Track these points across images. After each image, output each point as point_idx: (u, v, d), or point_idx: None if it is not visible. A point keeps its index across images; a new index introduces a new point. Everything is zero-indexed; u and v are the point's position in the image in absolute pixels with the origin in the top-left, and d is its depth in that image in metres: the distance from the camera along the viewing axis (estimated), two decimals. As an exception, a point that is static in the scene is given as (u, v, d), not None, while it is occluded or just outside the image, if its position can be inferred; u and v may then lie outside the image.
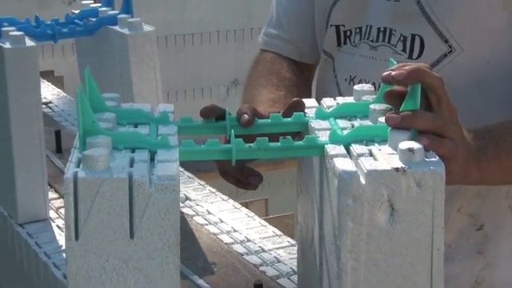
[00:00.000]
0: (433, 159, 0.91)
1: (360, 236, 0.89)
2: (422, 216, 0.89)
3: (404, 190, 0.88)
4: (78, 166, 0.88)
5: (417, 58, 1.38)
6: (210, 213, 1.47)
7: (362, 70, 1.43)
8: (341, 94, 1.29)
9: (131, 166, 0.90)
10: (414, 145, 0.90)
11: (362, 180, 0.88)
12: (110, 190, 0.86)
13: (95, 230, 0.87)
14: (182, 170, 1.52)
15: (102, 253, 0.88)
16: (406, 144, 0.90)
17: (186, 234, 1.35)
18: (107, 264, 0.88)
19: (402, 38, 1.41)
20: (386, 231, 0.89)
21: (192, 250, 1.31)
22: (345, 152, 0.94)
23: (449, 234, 1.22)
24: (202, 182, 1.59)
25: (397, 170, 0.88)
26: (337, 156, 0.92)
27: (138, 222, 0.88)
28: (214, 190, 1.58)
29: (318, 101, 1.13)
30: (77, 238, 0.87)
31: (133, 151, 0.94)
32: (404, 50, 1.40)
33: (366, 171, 0.88)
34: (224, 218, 1.45)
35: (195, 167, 1.57)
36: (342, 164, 0.90)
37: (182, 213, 1.44)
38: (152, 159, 0.93)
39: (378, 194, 0.88)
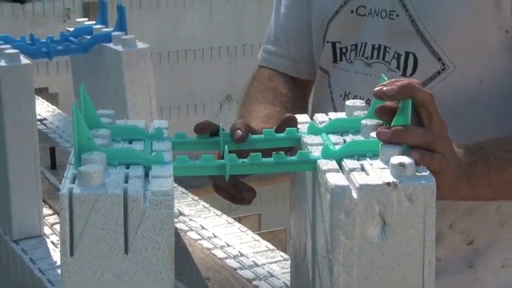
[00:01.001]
0: (424, 174, 0.90)
1: (352, 250, 0.88)
2: (413, 230, 0.89)
3: (395, 204, 0.88)
4: (74, 182, 0.88)
5: (410, 75, 1.38)
6: (203, 228, 1.47)
7: (356, 86, 1.44)
8: (336, 110, 1.30)
9: (126, 181, 0.90)
10: (405, 159, 0.90)
11: (354, 194, 0.88)
12: (105, 205, 0.86)
13: (90, 246, 0.87)
14: (175, 185, 1.51)
15: (96, 268, 0.87)
16: (397, 159, 0.90)
17: (180, 248, 1.35)
18: (102, 279, 0.87)
19: (396, 56, 1.41)
20: (377, 245, 0.89)
21: (186, 265, 1.30)
22: (337, 167, 0.94)
23: (440, 249, 1.22)
24: (196, 198, 1.60)
25: (388, 184, 0.88)
26: (329, 171, 0.92)
27: (132, 237, 0.87)
28: (207, 205, 1.57)
29: (313, 117, 1.14)
30: (72, 253, 0.86)
31: (127, 167, 0.94)
32: (398, 67, 1.40)
33: (357, 186, 0.88)
34: (217, 233, 1.45)
35: (188, 182, 1.58)
36: (335, 179, 0.90)
37: (175, 228, 1.43)
38: (146, 175, 0.93)
39: (369, 208, 0.88)
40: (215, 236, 1.44)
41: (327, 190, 0.89)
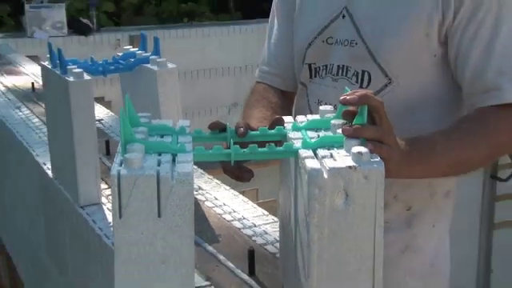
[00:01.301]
0: (376, 159, 0.91)
1: (323, 215, 0.89)
2: (367, 200, 0.90)
3: (355, 181, 0.88)
4: (121, 166, 0.89)
5: (366, 87, 1.37)
6: (216, 199, 1.47)
7: (326, 95, 1.44)
8: (312, 113, 1.29)
9: (158, 165, 0.90)
10: (362, 149, 0.91)
11: (325, 175, 0.88)
12: (143, 183, 0.87)
13: (133, 212, 0.88)
14: (195, 168, 1.51)
15: (137, 228, 0.89)
16: (356, 149, 0.91)
17: (199, 214, 1.36)
18: (142, 236, 0.89)
19: (355, 73, 1.41)
20: (342, 212, 0.89)
21: (203, 226, 1.32)
22: (312, 154, 0.94)
23: (387, 214, 1.11)
24: (210, 177, 1.60)
25: (350, 167, 0.88)
26: (307, 158, 0.92)
27: (163, 206, 0.88)
28: (219, 182, 1.57)
29: (295, 118, 1.13)
30: (120, 217, 0.88)
31: (160, 155, 0.94)
32: (357, 81, 1.40)
33: (328, 168, 0.88)
34: (226, 203, 1.45)
35: (205, 166, 1.49)
36: (311, 163, 0.89)
37: (195, 199, 1.43)
38: (174, 160, 0.92)
39: (336, 184, 0.88)
40: (225, 204, 1.44)
41: (305, 171, 0.89)
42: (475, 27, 1.32)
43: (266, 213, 1.40)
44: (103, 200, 1.49)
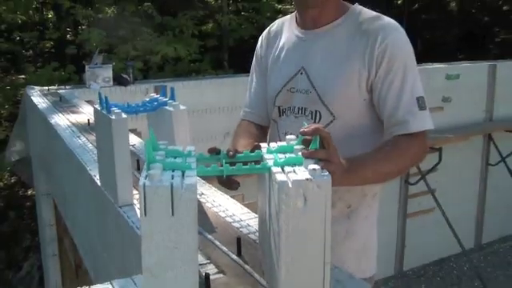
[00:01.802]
0: (325, 173, 0.90)
1: (289, 214, 0.88)
2: (320, 202, 0.89)
3: (311, 189, 0.88)
4: (145, 179, 0.88)
5: (318, 122, 1.38)
6: (214, 201, 1.45)
7: (291, 128, 1.43)
8: (280, 141, 1.26)
9: (172, 178, 0.89)
10: (316, 166, 0.90)
11: (290, 185, 0.87)
12: (161, 191, 0.87)
13: (154, 211, 0.87)
14: (198, 180, 1.47)
15: (157, 222, 0.88)
16: (311, 166, 0.90)
17: (201, 212, 1.34)
18: (160, 228, 0.88)
19: (310, 112, 1.41)
20: (302, 211, 0.88)
21: (204, 220, 1.30)
22: (281, 170, 0.93)
23: (333, 211, 1.14)
24: (210, 185, 1.58)
25: (307, 179, 0.88)
26: (277, 173, 0.91)
27: (175, 207, 0.88)
28: (216, 189, 1.55)
29: (269, 145, 1.12)
30: (145, 215, 0.88)
31: (173, 171, 0.93)
32: (312, 118, 1.40)
33: (291, 180, 0.87)
34: (221, 204, 1.43)
35: (205, 178, 1.50)
36: (280, 177, 0.89)
37: (199, 201, 1.42)
38: (183, 175, 0.92)
39: (297, 192, 0.87)
40: (220, 205, 1.41)
41: (276, 182, 0.89)
42: (389, 81, 1.33)
43: (250, 211, 1.38)
44: (135, 202, 1.48)
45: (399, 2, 13.79)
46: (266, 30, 1.61)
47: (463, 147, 5.96)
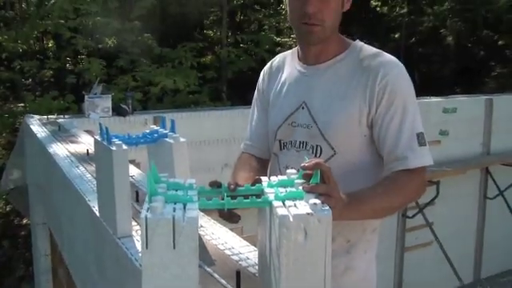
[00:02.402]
0: (325, 208, 0.90)
1: (289, 247, 0.88)
2: (320, 237, 0.89)
3: (311, 223, 0.88)
4: (147, 212, 0.89)
5: (319, 157, 1.39)
6: (213, 234, 1.44)
7: (292, 162, 1.44)
8: (281, 175, 1.28)
9: (174, 211, 0.89)
10: (316, 201, 0.90)
11: (291, 219, 0.88)
12: (163, 224, 0.87)
13: (156, 244, 0.87)
14: (198, 212, 1.54)
15: (158, 255, 0.88)
16: (312, 200, 0.91)
17: (200, 244, 1.27)
18: (161, 260, 0.88)
19: (311, 147, 1.42)
20: (302, 245, 0.89)
21: (203, 253, 1.28)
22: (282, 205, 0.93)
23: (333, 245, 1.19)
24: (209, 218, 1.57)
25: (308, 214, 0.89)
26: (278, 207, 0.92)
27: (177, 240, 0.88)
28: (215, 222, 1.53)
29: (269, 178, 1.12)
30: (147, 248, 0.88)
31: (175, 204, 0.93)
32: (313, 152, 1.41)
33: (293, 214, 0.88)
34: (220, 237, 1.42)
35: (205, 210, 1.51)
36: (281, 211, 0.89)
37: (199, 234, 1.41)
38: (184, 208, 0.92)
39: (298, 226, 0.88)
40: (219, 238, 1.40)
41: (277, 216, 0.90)
42: (390, 117, 1.35)
43: (249, 244, 1.38)
44: (134, 233, 1.47)
45: (396, 35, 13.98)
46: (268, 65, 1.64)
47: (461, 181, 5.97)
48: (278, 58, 1.61)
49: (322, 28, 1.38)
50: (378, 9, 14.59)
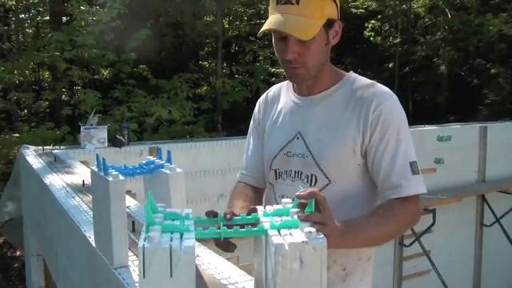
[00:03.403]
0: (320, 236, 0.92)
1: (285, 276, 0.90)
2: (314, 265, 0.91)
3: (306, 251, 0.90)
4: (145, 241, 0.90)
5: (313, 186, 1.39)
6: (209, 263, 1.43)
7: (287, 191, 1.44)
8: (277, 204, 1.26)
9: (171, 241, 0.91)
10: (311, 229, 0.93)
11: (286, 247, 0.90)
12: (161, 253, 0.88)
13: (153, 273, 0.89)
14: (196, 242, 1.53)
15: (156, 284, 0.89)
16: (307, 229, 0.93)
17: (196, 274, 1.28)
18: None
19: (306, 176, 1.42)
20: (298, 272, 0.90)
21: (200, 282, 1.28)
22: (277, 233, 0.95)
23: (329, 273, 1.22)
24: (205, 247, 1.56)
25: (303, 242, 0.90)
26: (273, 235, 0.94)
27: (174, 268, 0.89)
28: (211, 252, 1.53)
29: (265, 207, 1.12)
30: (144, 277, 0.89)
31: (172, 233, 0.95)
32: (307, 182, 1.41)
33: (288, 243, 0.90)
34: (217, 266, 1.41)
35: (202, 240, 1.48)
36: (277, 239, 0.92)
37: (195, 264, 1.42)
38: (181, 237, 0.94)
39: (294, 254, 0.90)
40: (215, 268, 1.40)
41: (273, 245, 0.91)
42: (383, 146, 1.36)
43: (245, 273, 1.37)
44: (130, 264, 1.46)
45: (390, 65, 14.15)
46: (264, 95, 1.65)
47: (457, 208, 5.98)
48: (273, 89, 1.63)
49: (305, 69, 1.39)
50: (372, 39, 14.80)
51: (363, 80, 1.44)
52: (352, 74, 1.47)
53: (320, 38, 1.35)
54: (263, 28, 1.32)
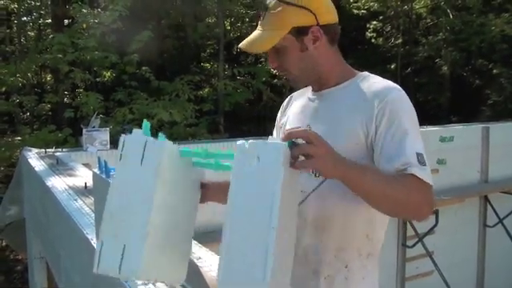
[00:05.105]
0: (277, 141, 0.99)
1: (240, 172, 0.96)
2: (270, 163, 0.95)
3: (264, 151, 0.96)
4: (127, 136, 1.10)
5: (318, 177, 1.36)
6: (211, 265, 1.44)
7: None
8: None
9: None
10: (271, 138, 1.06)
11: (246, 146, 0.97)
12: (137, 143, 1.06)
13: (127, 158, 1.06)
14: (196, 243, 1.50)
15: (128, 168, 1.06)
16: (271, 138, 1.08)
17: (198, 276, 1.34)
18: (130, 173, 1.05)
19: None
20: (255, 168, 0.96)
21: (202, 284, 1.30)
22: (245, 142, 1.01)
23: (331, 269, 1.28)
24: (207, 249, 1.56)
25: (263, 142, 0.98)
26: (239, 143, 1.00)
27: (144, 159, 1.04)
28: (213, 254, 1.53)
29: None
30: (120, 160, 1.08)
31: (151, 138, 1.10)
32: (313, 173, 1.38)
33: (249, 142, 0.98)
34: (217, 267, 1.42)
35: (204, 240, 1.51)
36: (240, 142, 0.99)
37: (197, 266, 1.40)
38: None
39: (253, 151, 0.97)
40: (217, 270, 1.41)
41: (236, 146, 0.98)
42: (390, 136, 1.35)
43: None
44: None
45: (392, 66, 14.16)
46: (288, 97, 1.68)
47: (460, 209, 5.97)
48: (300, 91, 1.64)
49: (293, 76, 1.45)
50: (373, 40, 14.82)
51: (374, 77, 1.45)
52: (365, 73, 1.48)
53: (291, 46, 1.40)
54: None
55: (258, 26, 1.41)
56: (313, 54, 1.44)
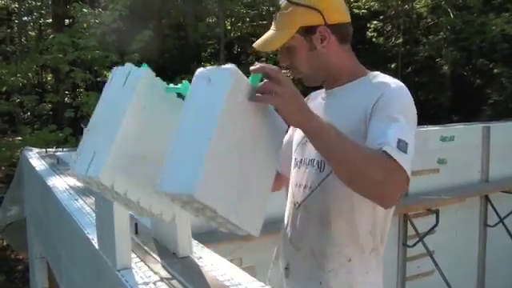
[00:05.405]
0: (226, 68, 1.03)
1: (193, 92, 1.04)
2: (219, 85, 1.01)
3: (215, 73, 1.04)
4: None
5: (322, 172, 1.41)
6: (212, 265, 1.43)
7: (302, 180, 1.48)
8: (292, 193, 1.32)
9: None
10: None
11: (201, 69, 1.07)
12: (121, 71, 1.21)
13: (114, 83, 1.21)
14: (197, 243, 1.51)
15: (115, 90, 1.20)
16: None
17: (199, 275, 1.34)
18: (115, 94, 1.20)
19: (317, 162, 1.45)
20: (205, 89, 1.02)
21: (203, 283, 1.29)
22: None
23: (335, 263, 1.30)
24: (209, 250, 1.56)
25: (221, 69, 1.05)
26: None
27: (126, 82, 1.18)
28: (214, 253, 1.53)
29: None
30: (109, 83, 1.22)
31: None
32: (318, 168, 1.44)
33: (207, 68, 1.07)
34: (219, 268, 1.41)
35: (205, 240, 1.52)
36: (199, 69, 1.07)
37: (198, 265, 1.41)
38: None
39: (205, 74, 1.05)
40: (218, 269, 1.40)
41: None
42: (378, 120, 1.31)
43: (247, 274, 1.37)
44: (133, 266, 1.46)
45: (393, 65, 14.16)
46: (306, 98, 1.66)
47: (460, 209, 5.96)
48: (316, 92, 1.66)
49: (303, 74, 1.49)
50: (374, 39, 14.81)
51: (385, 77, 1.45)
52: (374, 72, 1.50)
53: (300, 45, 1.44)
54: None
55: (272, 26, 1.47)
56: (322, 52, 1.46)
